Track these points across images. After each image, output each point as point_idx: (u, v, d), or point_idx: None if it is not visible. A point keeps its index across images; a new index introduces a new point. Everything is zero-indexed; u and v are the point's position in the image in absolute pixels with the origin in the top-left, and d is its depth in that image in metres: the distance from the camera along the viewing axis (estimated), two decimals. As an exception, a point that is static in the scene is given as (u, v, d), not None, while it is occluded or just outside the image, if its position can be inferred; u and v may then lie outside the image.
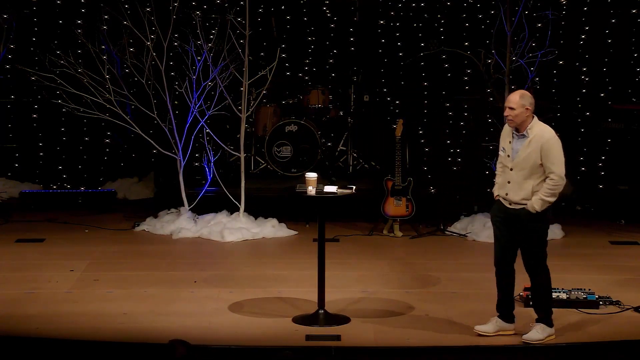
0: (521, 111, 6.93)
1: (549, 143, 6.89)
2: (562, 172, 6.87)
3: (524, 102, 6.93)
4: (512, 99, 6.97)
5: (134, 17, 10.74)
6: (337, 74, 13.30)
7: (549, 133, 6.93)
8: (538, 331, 6.95)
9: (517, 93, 6.99)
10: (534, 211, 6.86)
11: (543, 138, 6.89)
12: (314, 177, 7.39)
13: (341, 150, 12.91)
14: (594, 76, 12.94)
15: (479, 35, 12.41)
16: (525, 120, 6.96)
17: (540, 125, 6.97)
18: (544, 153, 6.87)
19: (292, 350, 6.67)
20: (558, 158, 6.89)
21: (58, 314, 7.54)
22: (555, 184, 6.87)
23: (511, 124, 7.01)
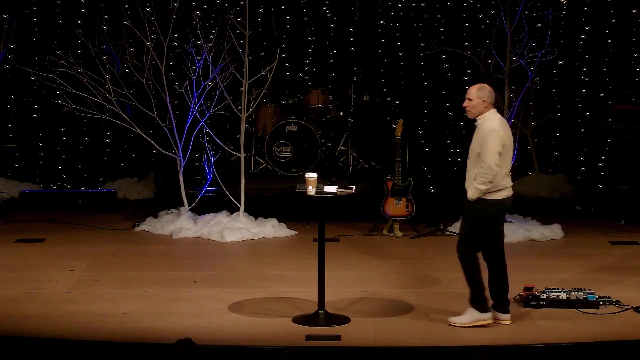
0: (478, 102, 7.18)
1: (485, 133, 7.12)
2: (490, 162, 7.04)
3: (481, 94, 7.18)
4: (470, 91, 7.24)
5: (134, 17, 10.74)
6: (337, 74, 13.31)
7: (491, 125, 7.14)
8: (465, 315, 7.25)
9: (476, 86, 7.26)
10: (470, 198, 7.14)
11: (484, 129, 7.15)
12: (314, 177, 7.39)
13: (341, 150, 12.92)
14: (594, 76, 12.95)
15: (479, 35, 12.42)
16: (481, 112, 7.20)
17: (491, 117, 7.19)
18: (481, 142, 7.13)
19: (292, 350, 6.67)
20: (490, 148, 7.06)
21: (58, 314, 7.53)
22: (484, 173, 7.06)
23: (469, 114, 7.27)
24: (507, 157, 7.17)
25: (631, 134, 12.38)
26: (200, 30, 10.46)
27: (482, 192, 7.09)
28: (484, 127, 7.15)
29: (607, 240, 10.34)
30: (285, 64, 13.13)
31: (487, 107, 7.19)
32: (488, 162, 7.05)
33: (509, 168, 7.21)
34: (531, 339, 6.96)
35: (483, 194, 7.10)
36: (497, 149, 7.06)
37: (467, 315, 7.24)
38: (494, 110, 7.22)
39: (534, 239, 10.32)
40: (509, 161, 7.20)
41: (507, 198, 7.18)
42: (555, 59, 10.98)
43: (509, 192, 7.20)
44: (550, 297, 7.66)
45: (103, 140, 13.26)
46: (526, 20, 10.48)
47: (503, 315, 7.29)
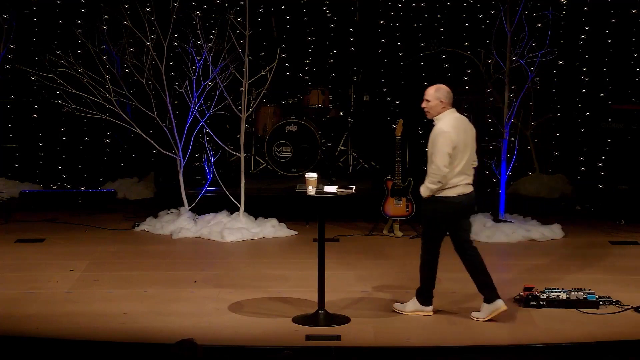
0: (436, 103, 7.32)
1: (435, 134, 7.27)
2: (439, 163, 7.19)
3: (439, 95, 7.32)
4: (428, 91, 7.38)
5: (134, 17, 10.75)
6: (337, 74, 13.31)
7: (441, 126, 7.28)
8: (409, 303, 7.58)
9: (433, 87, 7.38)
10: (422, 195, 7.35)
11: (435, 130, 7.30)
12: (314, 177, 7.39)
13: (341, 150, 12.92)
14: (594, 76, 12.95)
15: (479, 35, 12.43)
16: (439, 112, 7.34)
17: (444, 118, 7.33)
18: (432, 143, 7.29)
19: (292, 350, 6.67)
20: (439, 149, 7.21)
21: (58, 314, 7.54)
22: (432, 172, 7.23)
23: (428, 115, 7.40)
24: (461, 157, 7.30)
25: (631, 134, 12.38)
26: (200, 30, 10.46)
27: (432, 191, 7.29)
28: (436, 128, 7.31)
29: (607, 240, 10.34)
30: (285, 64, 13.14)
31: (444, 108, 7.33)
32: (437, 162, 7.21)
33: (463, 167, 7.33)
34: (531, 339, 6.97)
35: (434, 192, 7.28)
36: (446, 150, 7.20)
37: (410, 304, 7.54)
38: (452, 110, 7.37)
39: (534, 239, 10.32)
40: (463, 160, 7.32)
41: (460, 195, 7.34)
42: (555, 59, 10.98)
43: (463, 189, 7.36)
44: (550, 297, 7.66)
45: (103, 140, 13.26)
46: (526, 20, 10.48)
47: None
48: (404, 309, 7.58)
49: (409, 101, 13.35)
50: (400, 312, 7.58)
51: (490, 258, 9.68)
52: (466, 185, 7.36)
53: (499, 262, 9.62)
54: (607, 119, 12.65)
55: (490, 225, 10.53)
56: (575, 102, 13.08)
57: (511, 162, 10.82)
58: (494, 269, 9.30)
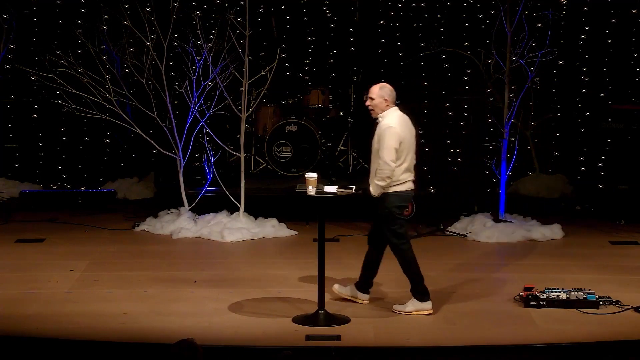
0: (380, 101, 7.50)
1: (382, 130, 7.42)
2: (386, 158, 7.34)
3: (382, 93, 7.51)
4: (372, 90, 7.54)
5: (134, 17, 10.74)
6: (337, 74, 13.30)
7: (387, 122, 7.44)
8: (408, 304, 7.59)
9: (377, 85, 7.56)
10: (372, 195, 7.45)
11: (381, 126, 7.45)
12: (314, 177, 7.39)
13: (341, 150, 12.91)
14: (594, 76, 12.95)
15: (479, 35, 12.42)
16: (383, 110, 7.51)
17: (389, 115, 7.50)
18: (379, 139, 7.43)
19: (292, 350, 6.67)
20: (386, 145, 7.35)
21: (58, 314, 7.53)
22: (380, 169, 7.37)
23: (372, 113, 7.56)
24: (407, 153, 7.44)
25: (631, 134, 12.37)
26: (200, 30, 10.46)
27: (382, 188, 7.42)
28: (382, 124, 7.46)
29: (607, 240, 10.34)
30: (285, 64, 13.13)
31: (388, 105, 7.51)
32: (384, 158, 7.34)
33: (410, 163, 7.48)
34: (531, 339, 6.97)
35: (384, 189, 7.40)
36: (393, 145, 7.35)
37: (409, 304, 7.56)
38: (395, 108, 7.55)
39: (534, 239, 10.32)
40: (409, 157, 7.47)
41: (408, 190, 7.50)
42: (555, 59, 10.98)
43: (411, 185, 7.53)
44: (550, 297, 7.66)
45: (103, 140, 13.26)
46: (526, 20, 10.48)
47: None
48: (404, 309, 7.58)
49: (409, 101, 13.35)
50: (401, 312, 7.58)
51: (490, 258, 9.72)
52: (413, 182, 7.55)
53: (499, 262, 9.62)
54: (607, 119, 12.64)
55: (490, 225, 10.53)
56: (575, 102, 13.07)
57: (511, 162, 10.82)
58: (494, 268, 9.35)
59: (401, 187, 7.44)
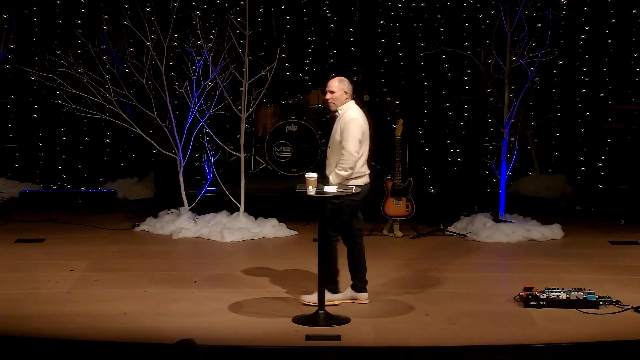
0: (340, 94, 7.64)
1: (346, 121, 7.54)
2: (351, 149, 7.47)
3: (343, 87, 7.67)
4: (331, 84, 7.70)
5: (134, 17, 10.75)
6: (337, 74, 13.27)
7: (351, 115, 7.59)
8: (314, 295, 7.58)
9: (336, 79, 7.72)
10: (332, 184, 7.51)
11: (344, 118, 7.58)
12: (314, 177, 7.39)
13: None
14: (594, 76, 12.95)
15: (479, 35, 12.42)
16: (343, 103, 7.66)
17: (350, 107, 7.66)
18: (342, 131, 7.54)
19: (292, 350, 6.67)
20: (351, 136, 7.49)
21: (58, 314, 7.53)
22: (344, 159, 7.48)
23: (332, 106, 7.71)
24: (365, 146, 7.60)
25: (631, 134, 12.37)
26: (200, 30, 10.46)
27: (343, 179, 7.52)
28: (345, 116, 7.59)
29: (607, 240, 10.34)
30: (285, 64, 13.13)
31: (347, 99, 7.67)
32: (349, 148, 7.45)
33: (366, 156, 7.63)
34: (531, 339, 6.96)
35: (344, 180, 7.49)
36: (358, 137, 7.51)
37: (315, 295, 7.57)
38: (353, 101, 7.72)
39: (534, 239, 10.32)
40: (366, 150, 7.62)
41: (365, 184, 7.63)
42: (555, 59, 10.98)
43: (367, 179, 7.69)
44: (550, 297, 7.66)
45: (103, 140, 13.26)
46: (526, 20, 10.48)
47: (361, 295, 7.81)
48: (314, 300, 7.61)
49: (409, 101, 13.36)
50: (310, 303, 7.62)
51: (490, 258, 9.72)
52: (369, 176, 7.68)
53: (499, 262, 9.63)
54: (607, 119, 12.64)
55: (490, 225, 10.53)
56: (575, 102, 13.07)
57: (511, 162, 10.82)
58: (494, 268, 9.35)
59: (358, 182, 7.58)
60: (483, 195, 11.80)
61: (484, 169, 11.67)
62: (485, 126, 12.73)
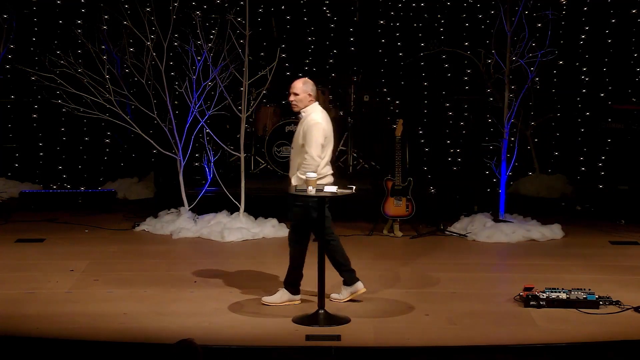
0: (304, 96, 7.64)
1: (309, 125, 7.56)
2: (313, 153, 7.52)
3: (306, 89, 7.66)
4: (296, 85, 7.67)
5: (134, 17, 10.75)
6: (337, 74, 13.31)
7: (314, 118, 7.60)
8: (277, 295, 7.75)
9: (300, 80, 7.69)
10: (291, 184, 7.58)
11: (307, 122, 7.59)
12: (314, 177, 7.39)
13: (341, 150, 12.91)
14: (594, 76, 12.95)
15: (479, 35, 12.43)
16: (306, 105, 7.65)
17: (314, 110, 7.66)
18: (304, 134, 7.57)
19: (292, 350, 6.67)
20: (314, 141, 7.52)
21: (58, 314, 7.53)
22: (307, 163, 7.52)
23: (295, 108, 7.71)
24: (328, 148, 7.66)
25: (631, 134, 12.38)
26: (200, 30, 10.46)
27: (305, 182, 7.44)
28: (308, 119, 7.60)
29: (607, 240, 10.34)
30: (285, 64, 13.13)
31: (311, 101, 7.67)
32: (311, 153, 7.51)
33: (329, 157, 7.69)
34: (531, 339, 6.96)
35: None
36: (320, 141, 7.55)
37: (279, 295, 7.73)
38: (317, 104, 7.72)
39: (534, 239, 10.32)
40: (330, 151, 7.69)
41: (327, 184, 7.61)
42: (555, 59, 10.98)
43: (331, 179, 7.70)
44: (550, 297, 7.66)
45: (103, 140, 13.26)
46: (526, 20, 10.48)
47: (356, 285, 7.84)
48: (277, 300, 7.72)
49: (409, 101, 13.36)
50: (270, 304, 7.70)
51: (490, 258, 9.72)
52: (332, 176, 7.71)
53: (499, 262, 9.63)
54: (607, 119, 12.65)
55: (490, 225, 10.53)
56: (575, 102, 13.08)
57: (511, 162, 10.82)
58: (494, 268, 9.35)
59: (322, 182, 7.58)
60: (483, 195, 11.81)
61: (484, 169, 11.67)
62: (485, 126, 12.73)
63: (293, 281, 7.81)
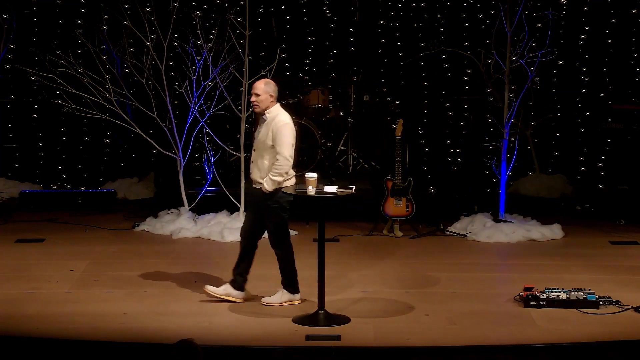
0: (266, 97, 7.62)
1: (278, 127, 7.56)
2: (286, 154, 7.54)
3: (268, 89, 7.64)
4: (257, 86, 7.66)
5: (134, 17, 10.74)
6: (337, 74, 13.31)
7: (283, 119, 7.61)
8: (278, 295, 7.78)
9: (262, 81, 7.70)
10: (264, 190, 7.57)
11: (276, 122, 7.58)
12: (314, 177, 7.40)
13: (341, 150, 12.91)
14: (594, 76, 12.95)
15: (479, 35, 12.42)
16: (268, 106, 7.65)
17: (279, 111, 7.67)
18: (274, 135, 7.56)
19: (292, 350, 6.67)
20: (285, 141, 7.53)
21: (58, 314, 7.54)
22: (279, 164, 7.53)
23: (257, 109, 7.69)
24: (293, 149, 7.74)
25: (631, 134, 12.38)
26: (200, 30, 10.46)
27: (278, 184, 7.57)
28: (276, 120, 7.58)
29: (607, 240, 10.34)
30: (285, 64, 13.13)
31: (272, 102, 7.67)
32: (284, 154, 7.52)
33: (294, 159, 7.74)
34: (531, 339, 6.97)
35: (279, 184, 7.57)
36: (292, 142, 7.58)
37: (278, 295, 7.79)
38: (279, 104, 7.74)
39: (534, 239, 10.32)
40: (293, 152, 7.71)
41: (293, 185, 7.70)
42: (555, 59, 10.98)
43: (294, 179, 7.76)
44: (550, 297, 7.66)
45: (103, 140, 13.25)
46: (526, 20, 10.48)
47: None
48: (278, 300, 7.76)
49: (409, 101, 13.36)
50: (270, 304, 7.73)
51: (490, 258, 9.73)
52: (296, 177, 7.75)
53: (499, 262, 9.63)
54: (607, 119, 12.65)
55: (490, 225, 10.53)
56: (575, 102, 13.07)
57: (511, 162, 10.82)
58: (494, 268, 9.36)
59: (289, 183, 7.65)
60: (483, 195, 11.80)
61: (484, 169, 11.67)
62: (485, 126, 12.73)
63: (290, 281, 7.83)
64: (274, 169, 7.53)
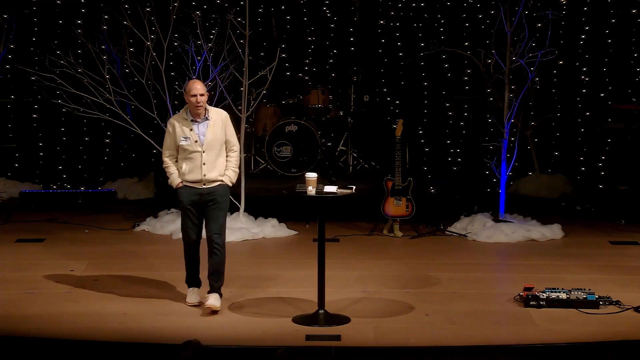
0: (206, 96, 7.65)
1: (225, 122, 7.68)
2: (238, 145, 7.81)
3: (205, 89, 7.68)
4: (199, 87, 7.57)
5: (134, 17, 10.74)
6: (337, 74, 13.31)
7: (224, 113, 7.74)
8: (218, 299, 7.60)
9: (197, 81, 7.67)
10: (230, 183, 7.71)
11: (222, 118, 7.67)
12: (314, 177, 7.39)
13: (341, 150, 12.92)
14: (594, 76, 12.95)
15: (479, 35, 12.43)
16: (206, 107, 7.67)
17: (215, 108, 7.79)
18: (227, 129, 7.67)
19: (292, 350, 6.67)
20: (234, 132, 7.75)
21: (58, 314, 7.53)
22: (236, 157, 7.73)
23: (200, 109, 7.59)
24: None
25: (631, 134, 12.38)
26: (200, 30, 10.46)
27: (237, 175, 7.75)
28: (222, 115, 7.68)
29: (607, 240, 10.34)
30: (285, 64, 13.13)
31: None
32: (238, 145, 7.76)
33: None
34: (531, 339, 6.97)
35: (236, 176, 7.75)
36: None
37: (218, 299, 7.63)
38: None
39: (534, 239, 10.32)
40: None
41: None
42: (555, 59, 10.98)
43: None
44: (550, 297, 7.66)
45: (103, 140, 13.26)
46: (526, 20, 10.48)
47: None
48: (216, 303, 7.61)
49: (409, 101, 13.37)
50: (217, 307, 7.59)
51: (490, 258, 9.73)
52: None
53: (499, 262, 9.63)
54: (607, 119, 12.65)
55: (490, 225, 10.53)
56: (575, 102, 13.08)
57: (511, 162, 10.82)
58: (494, 268, 9.36)
59: None
60: (483, 195, 11.80)
61: (484, 169, 11.67)
62: (485, 126, 12.73)
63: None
64: (233, 161, 7.69)
